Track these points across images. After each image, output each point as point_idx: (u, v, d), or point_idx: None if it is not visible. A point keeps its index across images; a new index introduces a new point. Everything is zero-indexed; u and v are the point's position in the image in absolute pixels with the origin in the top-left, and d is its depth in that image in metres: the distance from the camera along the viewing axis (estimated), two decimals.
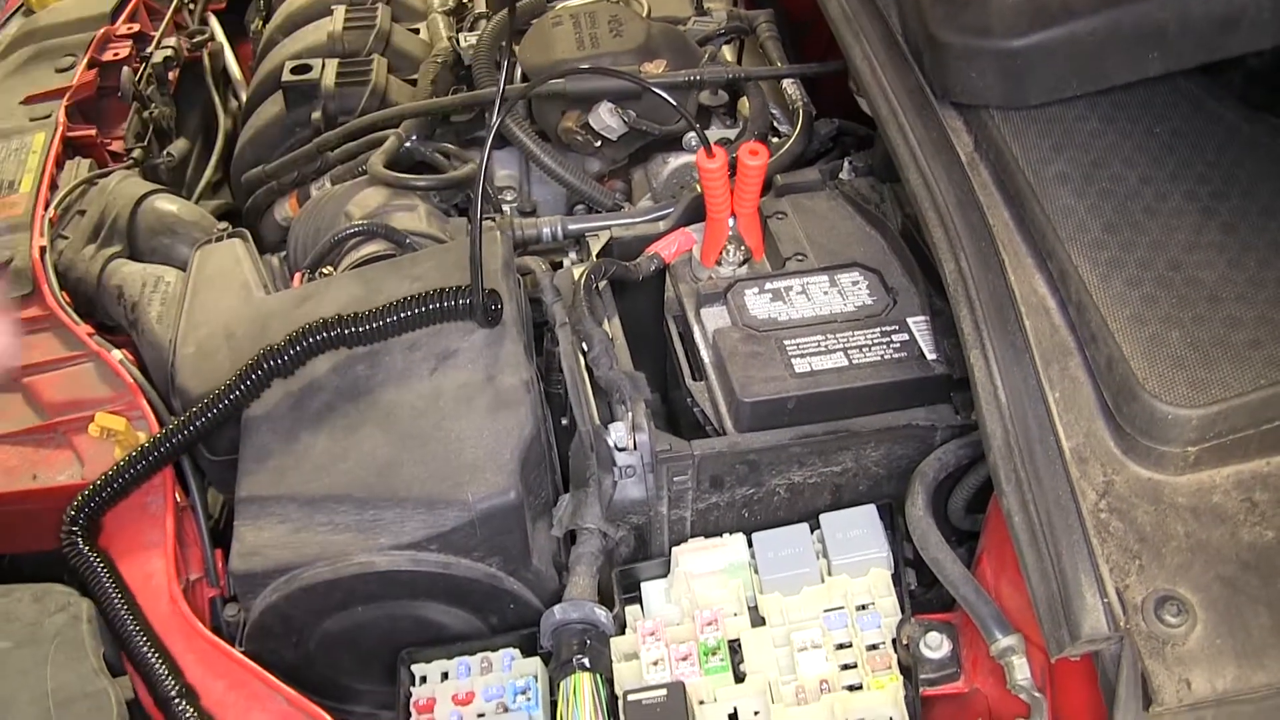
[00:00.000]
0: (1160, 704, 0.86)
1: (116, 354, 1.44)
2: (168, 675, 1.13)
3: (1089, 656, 0.92)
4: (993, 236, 1.09)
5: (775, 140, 1.66)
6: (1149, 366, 0.96)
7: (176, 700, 1.12)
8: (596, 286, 1.36)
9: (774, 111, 1.71)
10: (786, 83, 1.71)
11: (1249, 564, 0.92)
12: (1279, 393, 0.94)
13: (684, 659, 1.10)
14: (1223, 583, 0.91)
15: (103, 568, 1.23)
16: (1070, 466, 0.95)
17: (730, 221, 1.33)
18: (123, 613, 1.18)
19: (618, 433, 1.17)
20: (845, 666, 1.10)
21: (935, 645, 1.09)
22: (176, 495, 1.34)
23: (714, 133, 1.70)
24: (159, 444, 1.28)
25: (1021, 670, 0.98)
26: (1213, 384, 0.95)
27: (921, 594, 1.25)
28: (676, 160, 1.69)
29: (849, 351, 1.22)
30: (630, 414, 1.17)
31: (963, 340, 1.04)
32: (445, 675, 1.19)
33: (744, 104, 1.73)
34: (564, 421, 1.38)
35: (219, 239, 1.58)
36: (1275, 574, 0.91)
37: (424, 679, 1.20)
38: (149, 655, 1.15)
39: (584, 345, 1.27)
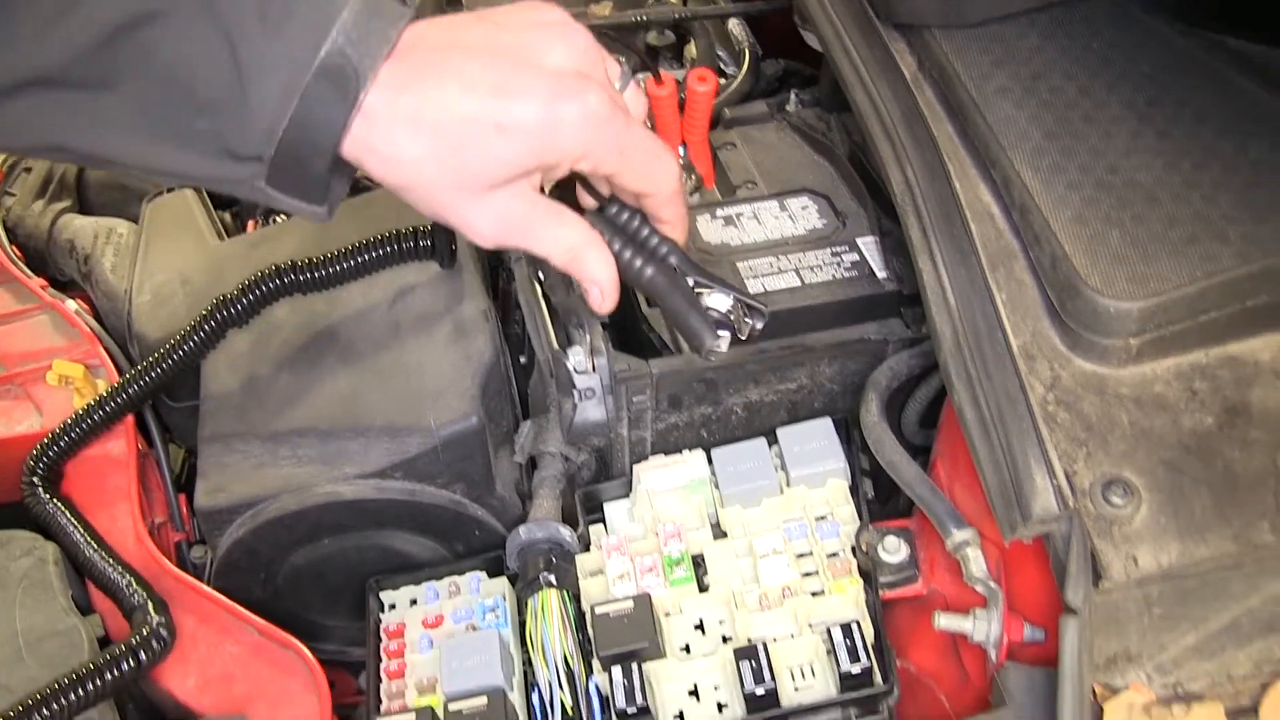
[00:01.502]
0: (1109, 580, 0.90)
1: (71, 304, 1.45)
2: (136, 587, 1.14)
3: (1040, 544, 0.95)
4: (937, 148, 1.11)
5: (723, 81, 1.68)
6: (1091, 264, 0.99)
7: (143, 607, 1.13)
8: None
9: (720, 53, 1.72)
10: (732, 24, 1.72)
11: (1190, 448, 0.95)
12: (1214, 284, 0.98)
13: (649, 571, 1.13)
14: (1166, 466, 0.94)
15: (65, 510, 1.24)
16: (1018, 362, 0.98)
17: (680, 150, 1.35)
18: (86, 547, 1.19)
19: (576, 356, 1.19)
20: (806, 575, 1.13)
21: (893, 549, 1.12)
22: (139, 444, 1.35)
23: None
24: (115, 394, 1.29)
25: (977, 563, 1.01)
26: (1152, 278, 0.98)
27: (878, 509, 1.28)
28: None
29: (801, 271, 1.24)
30: (588, 336, 1.19)
31: (911, 248, 1.07)
32: (414, 601, 1.21)
33: (690, 48, 1.75)
34: (522, 360, 1.40)
35: (170, 190, 1.59)
36: (1215, 457, 0.95)
37: (393, 606, 1.22)
38: (113, 573, 1.15)
39: (540, 273, 1.29)
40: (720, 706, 1.06)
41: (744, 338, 1.04)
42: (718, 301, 1.03)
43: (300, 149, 0.84)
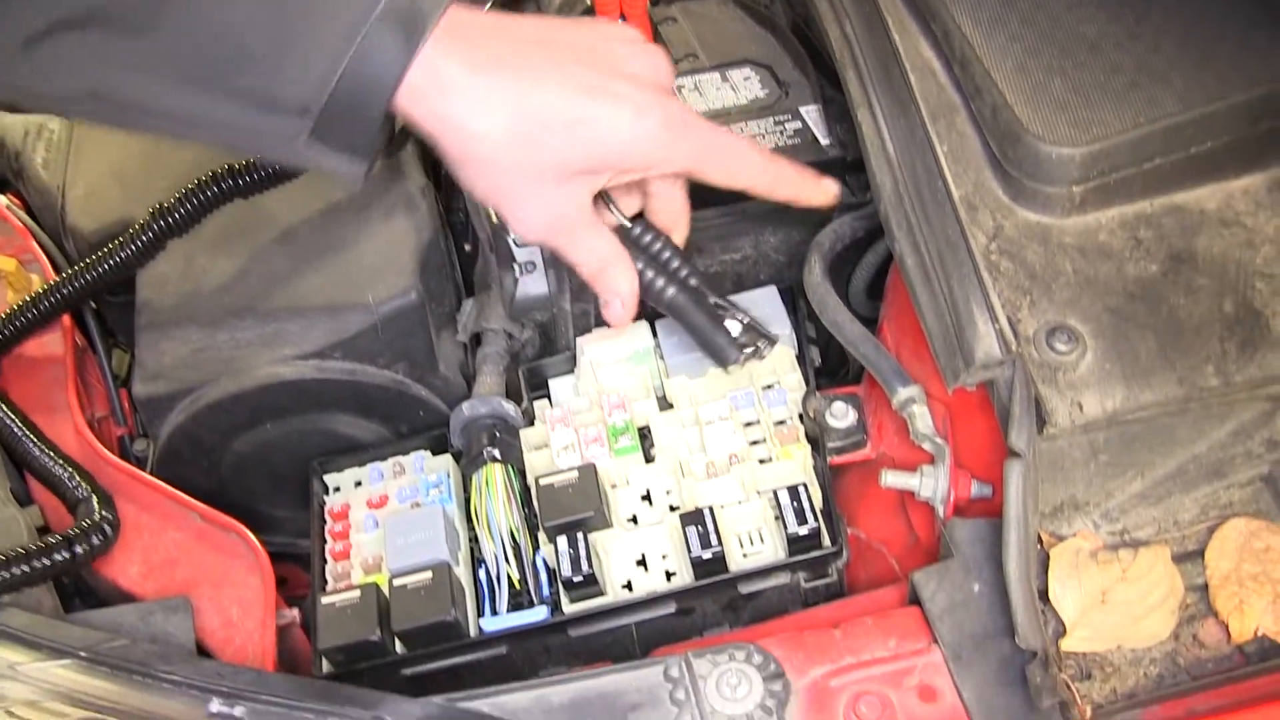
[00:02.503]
0: (1054, 425, 0.89)
1: (2, 199, 1.42)
2: (79, 480, 1.12)
3: (987, 400, 0.94)
4: (876, 3, 1.09)
5: None
6: (1032, 111, 0.97)
7: (87, 500, 1.11)
8: None
9: None
10: None
11: (1135, 295, 0.94)
12: (1158, 130, 0.96)
13: (594, 441, 1.11)
14: (1111, 313, 0.93)
15: (1, 403, 1.21)
16: (960, 211, 0.97)
17: (619, 21, 1.33)
18: (23, 440, 1.16)
19: None
20: (753, 443, 1.11)
21: (841, 415, 1.10)
22: (77, 340, 1.33)
23: None
24: (49, 294, 1.27)
25: (923, 419, 1.00)
26: (1094, 124, 0.96)
27: (827, 381, 1.27)
28: None
29: None
30: None
31: (850, 102, 1.05)
32: (358, 483, 1.20)
33: None
34: (466, 247, 1.38)
35: None
36: (1160, 303, 0.94)
37: (337, 488, 1.20)
38: (53, 466, 1.13)
39: None
40: (669, 575, 1.06)
41: (760, 360, 1.10)
42: (730, 327, 1.08)
43: (355, 97, 0.82)
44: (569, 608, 1.05)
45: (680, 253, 1.07)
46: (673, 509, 1.09)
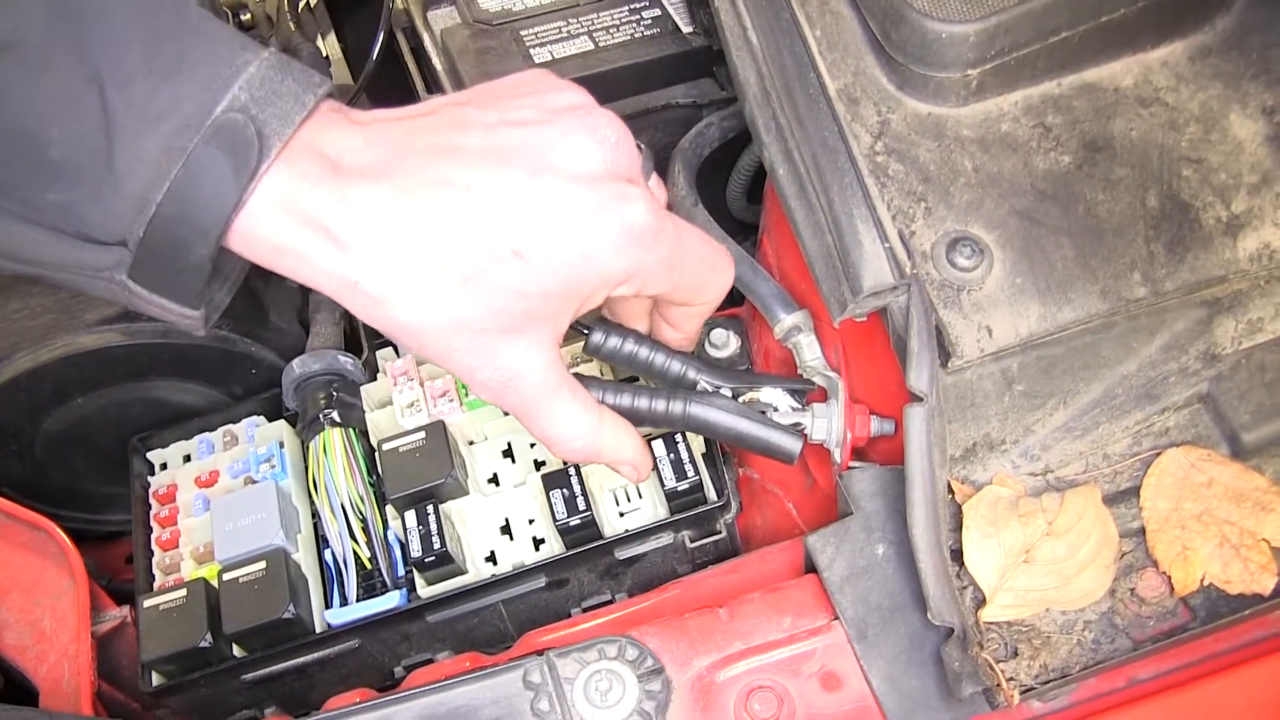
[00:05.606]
0: (960, 357, 0.76)
1: None
2: None
3: (881, 322, 0.81)
4: None
5: None
6: None
7: None
8: (308, 3, 1.19)
9: None
10: None
11: (1046, 193, 0.81)
12: None
13: (442, 395, 0.98)
14: (1019, 216, 0.80)
15: None
16: (837, 107, 0.82)
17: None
18: None
19: None
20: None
21: (721, 343, 0.97)
22: None
23: None
24: None
25: (810, 350, 0.87)
26: None
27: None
28: None
29: (594, 34, 1.07)
30: None
31: None
32: (188, 458, 1.05)
33: None
34: None
35: None
36: (1076, 201, 0.81)
37: (164, 465, 1.06)
38: None
39: None
40: (537, 543, 0.93)
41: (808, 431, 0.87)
42: (770, 397, 0.87)
43: (176, 229, 0.64)
44: (425, 590, 0.92)
45: (656, 343, 0.86)
46: (538, 465, 0.96)
